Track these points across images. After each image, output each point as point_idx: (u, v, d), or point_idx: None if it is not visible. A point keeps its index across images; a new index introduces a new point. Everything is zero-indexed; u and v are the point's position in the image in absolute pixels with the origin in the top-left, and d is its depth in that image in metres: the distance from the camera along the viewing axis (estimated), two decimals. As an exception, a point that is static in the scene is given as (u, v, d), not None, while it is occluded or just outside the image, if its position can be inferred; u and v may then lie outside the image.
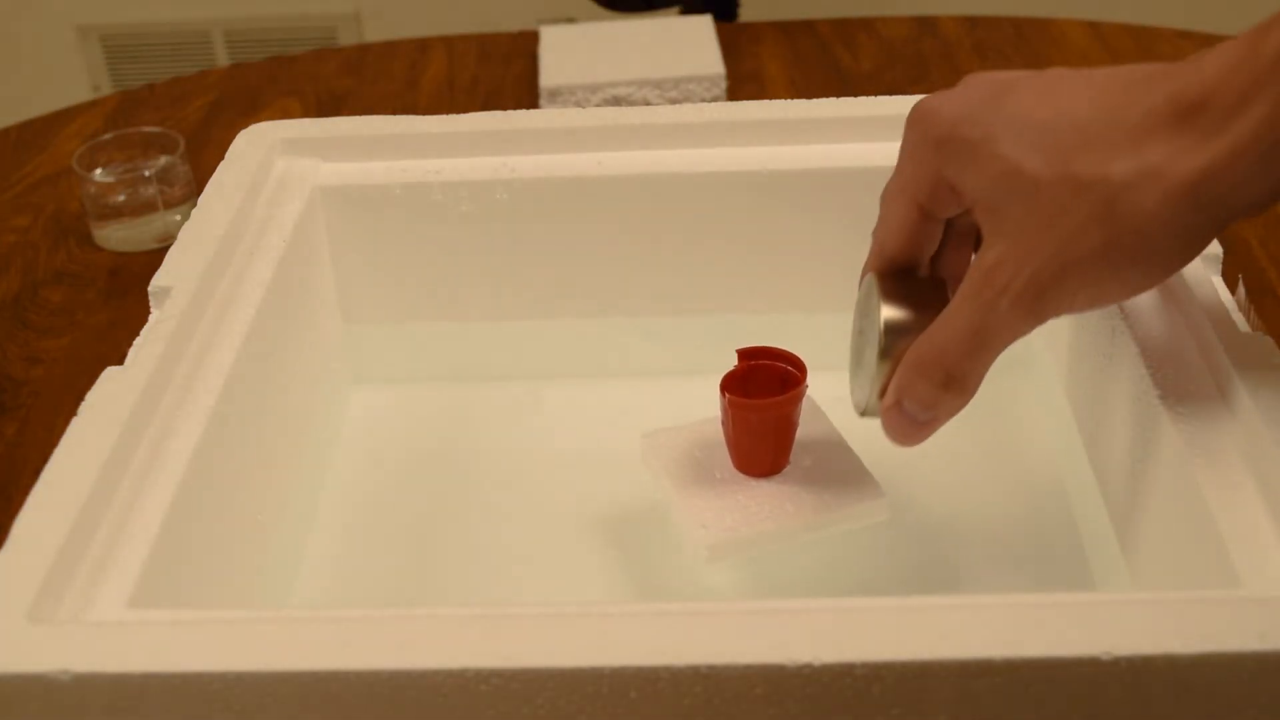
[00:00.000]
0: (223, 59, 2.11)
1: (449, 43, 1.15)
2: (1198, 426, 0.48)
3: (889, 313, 0.49)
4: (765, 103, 0.67)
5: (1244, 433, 0.48)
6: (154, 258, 0.71)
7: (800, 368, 0.56)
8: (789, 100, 0.67)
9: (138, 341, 0.53)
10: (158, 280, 0.56)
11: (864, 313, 0.52)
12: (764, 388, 0.56)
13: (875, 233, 0.51)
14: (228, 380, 0.53)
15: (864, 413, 0.51)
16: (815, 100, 0.67)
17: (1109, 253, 0.43)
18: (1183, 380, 0.51)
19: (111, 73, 2.14)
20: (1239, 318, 0.53)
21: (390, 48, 1.16)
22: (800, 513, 0.54)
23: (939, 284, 0.51)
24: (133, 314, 0.80)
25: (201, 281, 0.56)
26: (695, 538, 0.54)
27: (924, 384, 0.47)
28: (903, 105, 0.66)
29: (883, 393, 0.49)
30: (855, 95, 0.70)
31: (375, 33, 2.08)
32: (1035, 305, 0.44)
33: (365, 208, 0.66)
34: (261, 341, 0.57)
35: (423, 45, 1.15)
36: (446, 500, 0.64)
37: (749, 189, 0.66)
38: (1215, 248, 0.56)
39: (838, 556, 0.59)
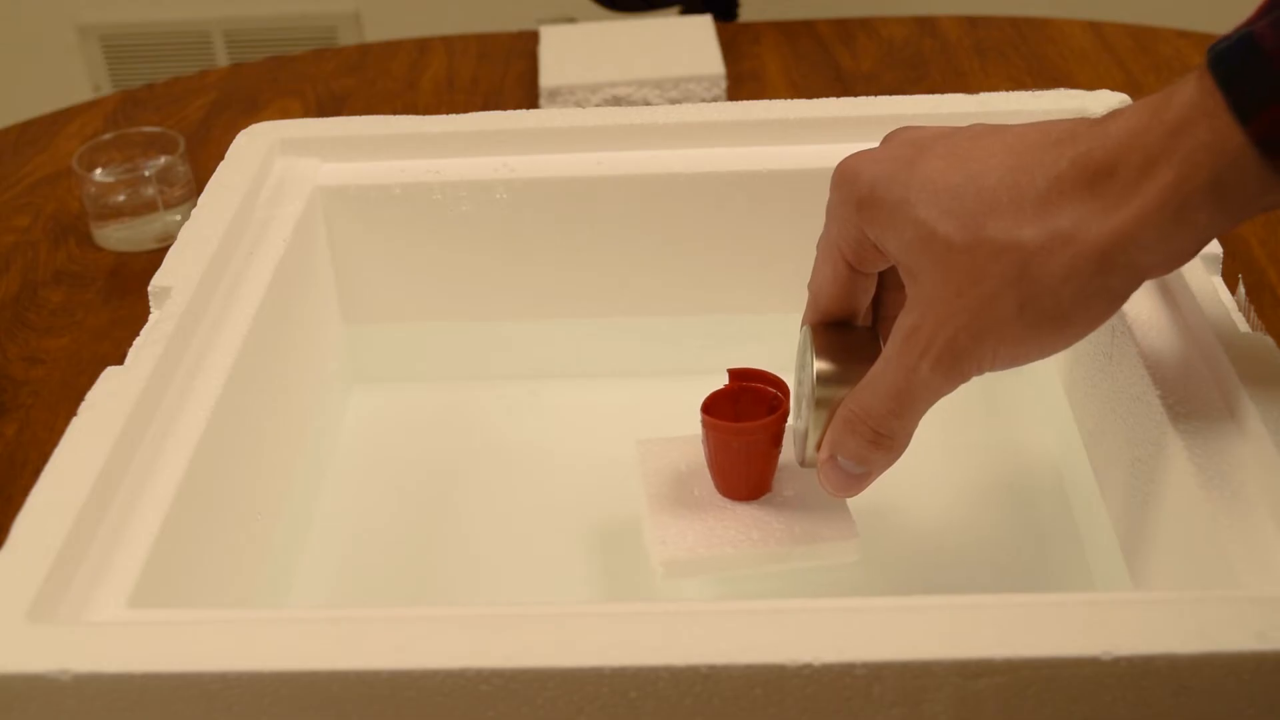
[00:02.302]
0: (223, 59, 2.11)
1: (449, 43, 1.15)
2: (1197, 426, 0.48)
3: (821, 367, 0.50)
4: (765, 103, 0.67)
5: (1243, 433, 0.48)
6: (154, 258, 0.71)
7: (786, 393, 0.55)
8: (789, 100, 0.68)
9: (138, 341, 0.53)
10: (158, 280, 0.56)
11: (801, 365, 0.53)
12: (752, 410, 0.55)
13: (809, 285, 0.52)
14: (228, 380, 0.53)
15: (803, 463, 0.52)
16: (815, 100, 0.67)
17: (1024, 316, 0.43)
18: (1183, 380, 0.51)
19: (111, 73, 2.14)
20: (1239, 318, 0.53)
21: (390, 48, 1.16)
22: (765, 542, 0.53)
23: (872, 336, 0.51)
24: (133, 314, 0.80)
25: (201, 281, 0.56)
26: (653, 552, 0.53)
27: (854, 441, 0.48)
28: (903, 105, 0.67)
29: (819, 444, 0.50)
30: (855, 95, 0.70)
31: (375, 33, 2.08)
32: (954, 368, 0.45)
33: (365, 208, 0.66)
34: (261, 341, 0.57)
35: (423, 45, 1.15)
36: (446, 500, 0.64)
37: (749, 189, 0.66)
38: (1215, 248, 0.56)
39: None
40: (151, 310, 0.56)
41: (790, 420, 0.55)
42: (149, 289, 0.56)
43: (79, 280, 0.85)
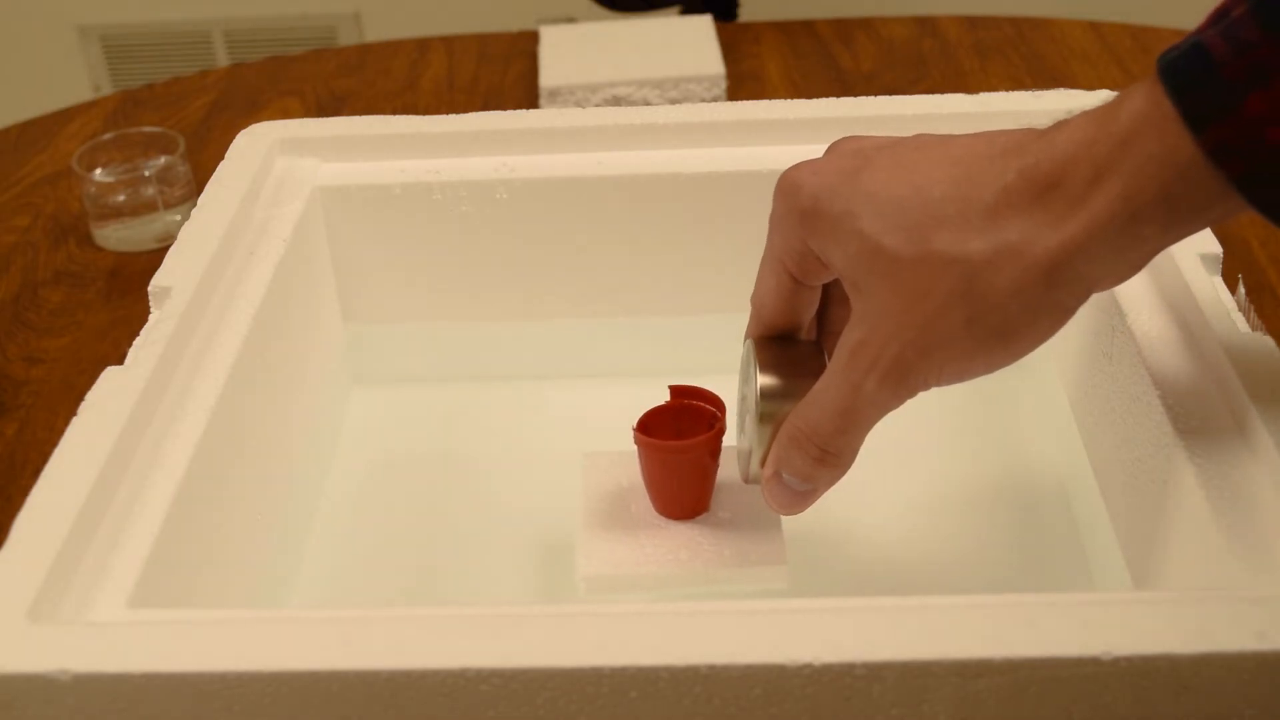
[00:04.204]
0: (223, 59, 2.11)
1: (449, 43, 1.15)
2: (1197, 426, 0.48)
3: (765, 381, 0.49)
4: (765, 103, 0.67)
5: (1244, 433, 0.48)
6: (154, 258, 0.71)
7: (724, 412, 0.54)
8: (789, 100, 0.68)
9: (138, 341, 0.53)
10: (158, 280, 0.56)
11: (745, 379, 0.52)
12: (692, 428, 0.54)
13: (752, 299, 0.51)
14: (228, 380, 0.53)
15: (747, 479, 0.51)
16: (815, 100, 0.67)
17: (971, 330, 0.43)
18: (1183, 380, 0.51)
19: (111, 73, 2.14)
20: (1239, 318, 0.53)
21: (390, 48, 1.16)
22: (692, 563, 0.53)
23: (816, 350, 0.50)
24: (133, 314, 0.80)
25: (201, 281, 0.56)
26: (579, 566, 0.53)
27: (800, 458, 0.47)
28: (903, 105, 0.67)
29: (764, 460, 0.49)
30: (855, 95, 0.70)
31: (375, 33, 2.08)
32: (901, 383, 0.44)
33: (365, 208, 0.66)
34: (261, 342, 0.57)
35: (423, 45, 1.15)
36: (446, 500, 0.64)
37: (749, 189, 0.66)
38: (1215, 248, 0.56)
39: (834, 553, 0.59)
40: (151, 310, 0.56)
41: (732, 437, 0.53)
42: (149, 289, 0.56)
43: (79, 280, 0.85)
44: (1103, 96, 0.66)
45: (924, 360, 0.43)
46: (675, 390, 0.55)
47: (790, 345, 0.50)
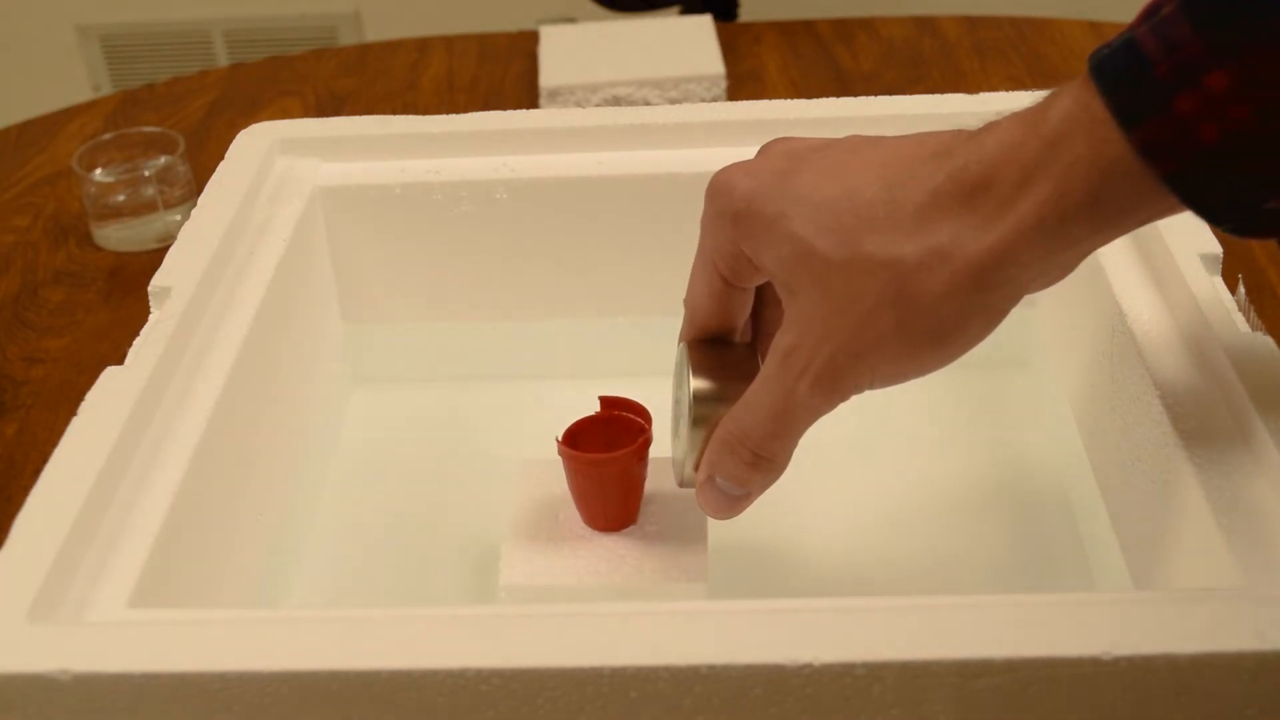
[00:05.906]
0: (223, 59, 2.11)
1: (449, 42, 1.15)
2: (1197, 426, 0.48)
3: (698, 385, 0.49)
4: (765, 103, 0.67)
5: (1244, 433, 0.48)
6: (154, 258, 0.71)
7: (650, 423, 0.54)
8: (789, 100, 0.68)
9: (138, 341, 0.53)
10: (158, 280, 0.56)
11: (678, 383, 0.52)
12: (621, 439, 0.54)
13: (685, 301, 0.50)
14: (228, 380, 0.53)
15: (682, 484, 0.51)
16: (815, 100, 0.67)
17: (902, 334, 0.42)
18: (1183, 381, 0.51)
19: (111, 73, 2.14)
20: (1239, 318, 0.53)
21: (390, 48, 1.16)
22: (611, 576, 0.52)
23: (750, 353, 0.50)
24: (133, 314, 0.80)
25: (201, 281, 0.56)
26: (501, 573, 0.53)
27: (733, 463, 0.47)
28: (903, 105, 0.67)
29: (697, 465, 0.49)
30: (855, 95, 0.70)
31: (375, 33, 2.08)
32: (833, 388, 0.44)
33: (365, 208, 0.66)
34: (261, 341, 0.57)
35: (423, 45, 1.15)
36: (446, 500, 0.64)
37: (749, 189, 0.66)
38: (1215, 248, 0.56)
39: (832, 551, 0.59)
40: (151, 310, 0.56)
41: (664, 446, 0.53)
42: (149, 289, 0.56)
43: (79, 280, 0.85)
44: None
45: (856, 364, 0.43)
46: (605, 401, 0.55)
47: (724, 348, 0.50)
